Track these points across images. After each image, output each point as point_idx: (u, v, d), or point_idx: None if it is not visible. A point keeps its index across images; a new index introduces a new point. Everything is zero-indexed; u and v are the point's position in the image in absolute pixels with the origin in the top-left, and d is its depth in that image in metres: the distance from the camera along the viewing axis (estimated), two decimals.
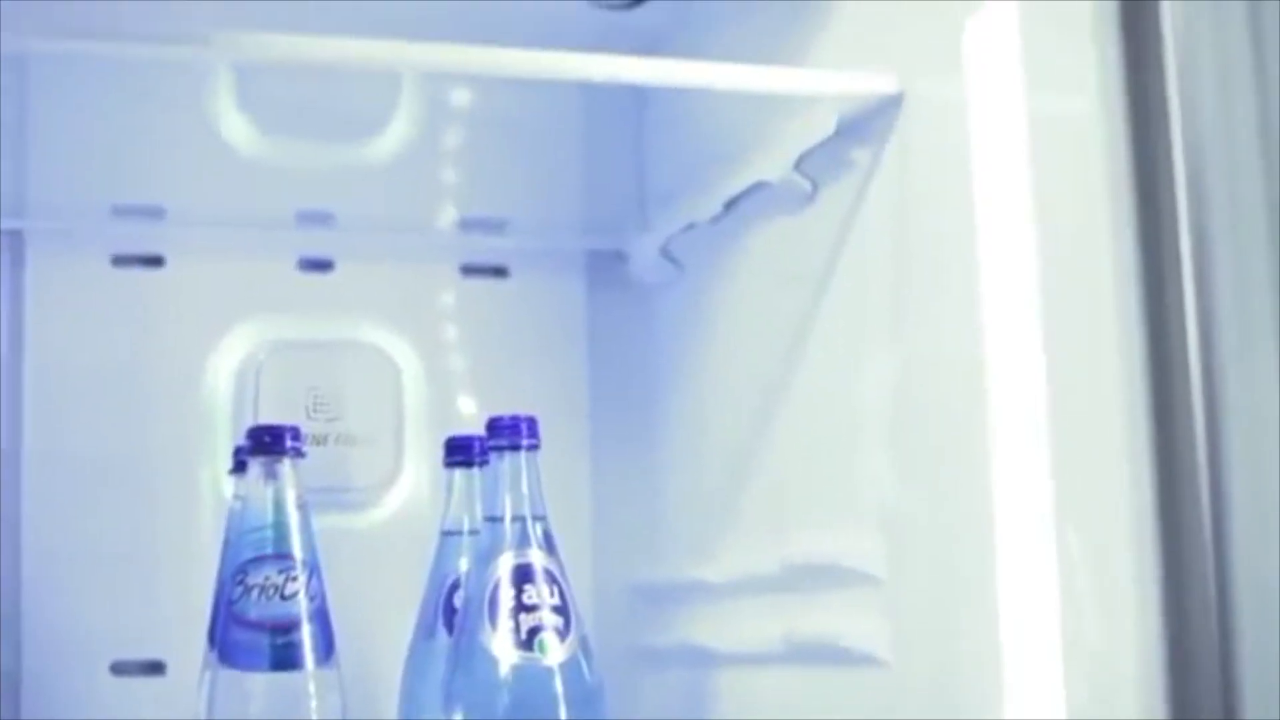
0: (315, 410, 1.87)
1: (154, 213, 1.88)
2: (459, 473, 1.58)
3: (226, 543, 1.51)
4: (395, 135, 1.95)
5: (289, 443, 1.46)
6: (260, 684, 1.41)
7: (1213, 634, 1.10)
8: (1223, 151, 1.14)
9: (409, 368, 1.93)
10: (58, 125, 1.84)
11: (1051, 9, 1.25)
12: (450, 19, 1.76)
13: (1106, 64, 1.19)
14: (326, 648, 1.44)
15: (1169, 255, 1.15)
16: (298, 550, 1.44)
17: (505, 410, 1.45)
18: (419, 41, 1.42)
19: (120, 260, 1.88)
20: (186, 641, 1.53)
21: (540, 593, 1.40)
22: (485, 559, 1.42)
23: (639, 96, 1.99)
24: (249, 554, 1.44)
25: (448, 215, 1.98)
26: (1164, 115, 1.16)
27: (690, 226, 1.81)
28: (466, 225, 1.98)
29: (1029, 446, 1.24)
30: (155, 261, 1.89)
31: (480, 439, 1.50)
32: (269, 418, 1.72)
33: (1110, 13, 1.19)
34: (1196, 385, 1.13)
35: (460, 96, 1.98)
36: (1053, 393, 1.22)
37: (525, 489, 1.43)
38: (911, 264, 1.43)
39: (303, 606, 1.43)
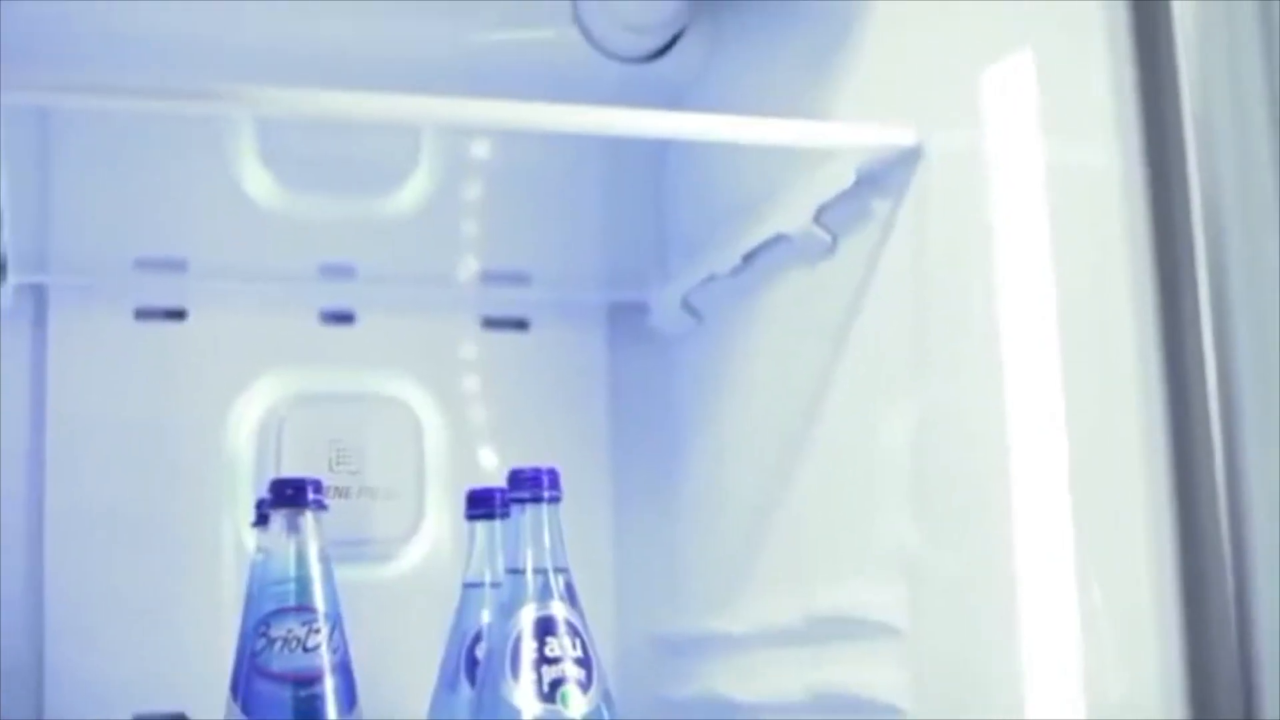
0: (338, 463, 1.87)
1: (176, 266, 1.89)
2: (481, 525, 1.57)
3: (249, 595, 1.51)
4: (416, 188, 1.95)
5: (311, 496, 1.46)
6: None
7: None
8: (1240, 201, 1.15)
9: (430, 420, 1.93)
10: (79, 179, 1.85)
11: (1068, 60, 1.25)
12: (470, 72, 1.78)
13: (1124, 114, 1.19)
14: (349, 700, 1.44)
15: (1187, 305, 1.15)
16: (320, 603, 1.44)
17: (527, 462, 1.45)
18: (440, 96, 1.43)
19: (143, 313, 1.88)
20: (209, 694, 1.53)
21: (562, 645, 1.40)
22: (507, 611, 1.42)
23: (659, 148, 1.99)
24: (271, 606, 1.44)
25: (469, 268, 1.98)
26: (1181, 164, 1.16)
27: (710, 278, 1.82)
28: (488, 278, 1.98)
29: (1049, 497, 1.24)
30: (177, 315, 1.89)
31: (502, 491, 1.49)
32: (291, 470, 1.73)
33: (1127, 63, 1.19)
34: (1216, 435, 1.12)
35: (481, 149, 1.99)
36: (1073, 442, 1.22)
37: (547, 541, 1.43)
38: (931, 315, 1.43)
39: (325, 659, 1.43)
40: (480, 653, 1.49)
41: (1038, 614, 1.24)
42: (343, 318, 1.93)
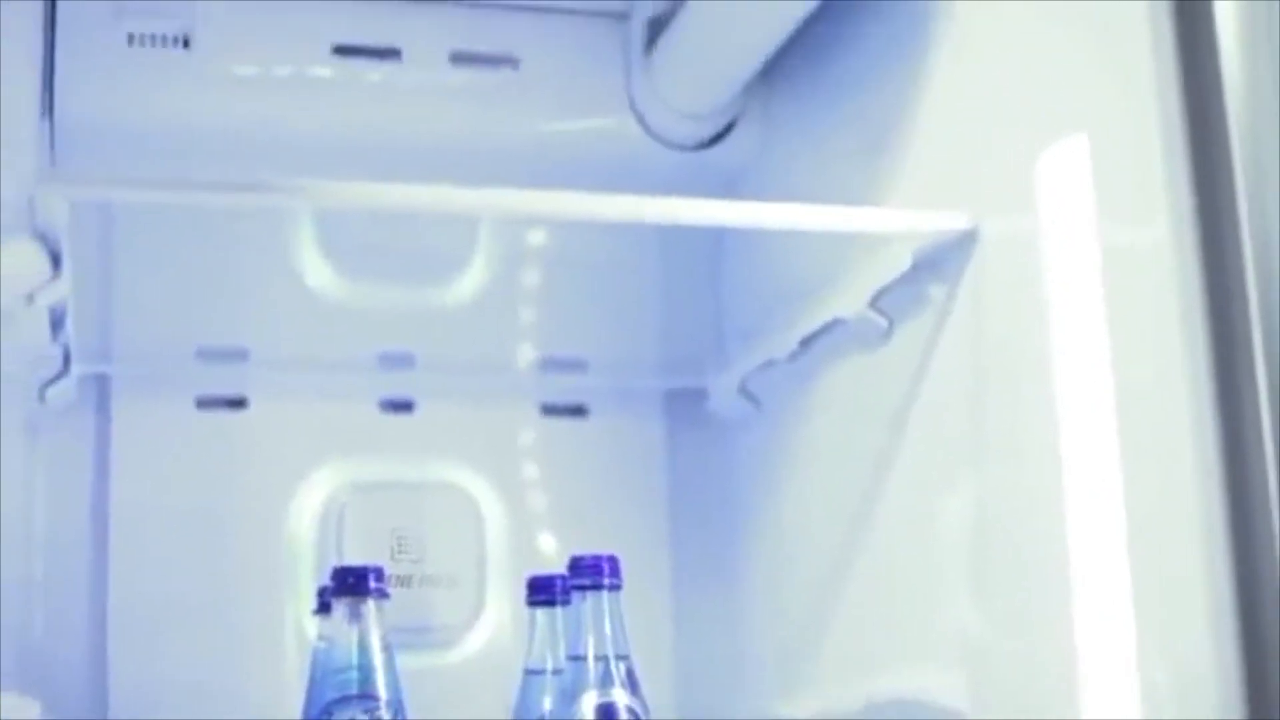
0: (399, 551, 1.87)
1: (238, 355, 1.90)
2: (542, 612, 1.57)
3: (311, 683, 1.52)
4: (475, 276, 1.97)
5: (373, 584, 1.46)
6: None
7: None
8: None
9: (490, 507, 1.93)
10: (142, 270, 1.87)
11: (1122, 142, 1.26)
12: (526, 158, 1.80)
13: (1177, 195, 1.20)
14: None
15: (1245, 384, 1.15)
16: (382, 690, 1.44)
17: (587, 548, 1.45)
18: (497, 187, 1.45)
19: (204, 402, 1.89)
20: None
21: None
22: (569, 698, 1.42)
23: (716, 234, 2.00)
24: (334, 694, 1.44)
25: (527, 355, 1.99)
26: (1236, 245, 1.16)
27: (768, 364, 1.82)
28: (546, 365, 1.99)
29: (1110, 580, 1.23)
30: (239, 403, 1.90)
31: (563, 578, 1.50)
32: (353, 558, 1.74)
33: (1180, 145, 1.20)
34: (1276, 516, 1.12)
35: (538, 236, 2.00)
36: (1132, 525, 1.22)
37: (608, 628, 1.43)
38: (989, 398, 1.43)
39: None
40: None
41: (1100, 700, 1.24)
42: (402, 406, 1.94)
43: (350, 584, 1.46)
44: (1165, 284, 1.19)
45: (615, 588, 1.43)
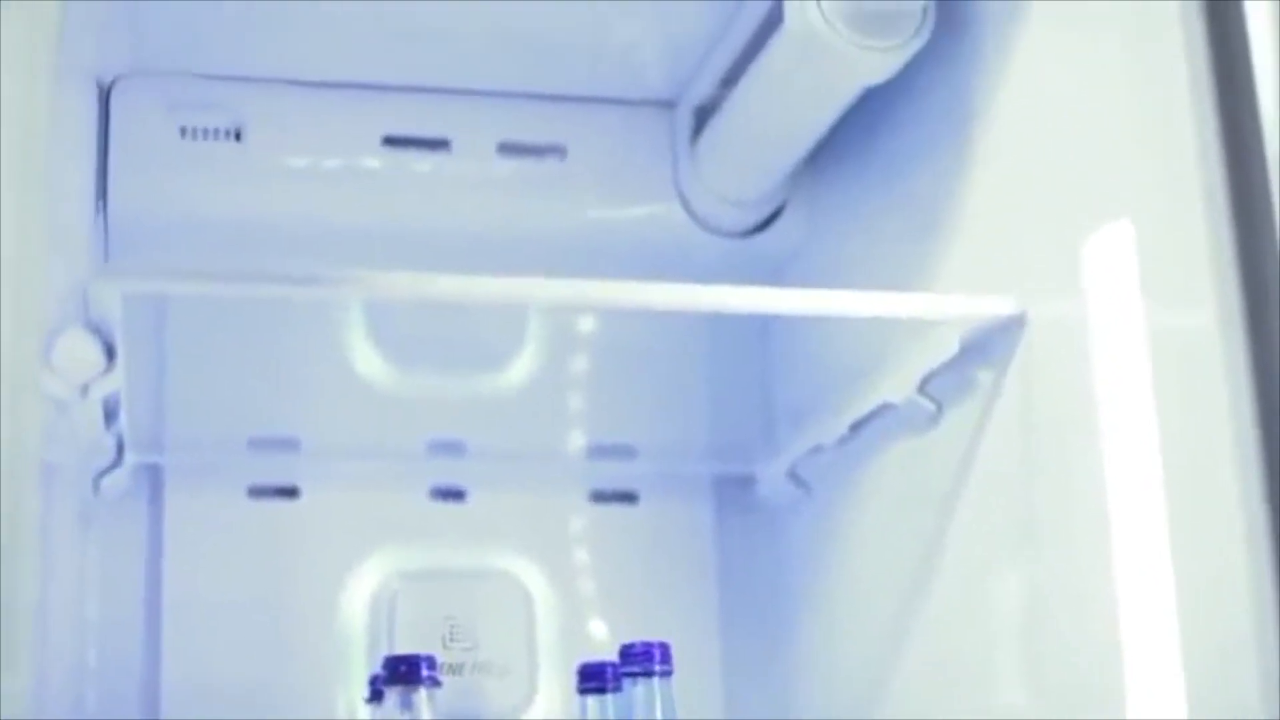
0: (451, 639, 1.87)
1: (289, 445, 1.91)
2: (593, 699, 1.57)
3: None
4: (524, 364, 1.97)
5: (425, 672, 1.47)
6: None
7: None
8: None
9: (541, 594, 1.93)
10: (194, 360, 1.89)
11: (1167, 226, 1.26)
12: (575, 246, 1.81)
13: (1223, 278, 1.20)
14: None
15: None
16: None
17: (637, 635, 1.45)
18: (546, 277, 1.46)
19: (256, 492, 1.90)
20: None
21: None
22: None
23: (763, 320, 2.00)
24: None
25: (576, 442, 2.00)
26: None
27: (817, 449, 1.82)
28: (595, 452, 1.99)
29: (1162, 663, 1.23)
30: (290, 493, 1.91)
31: (613, 665, 1.50)
32: (404, 646, 1.74)
33: (1225, 228, 1.20)
34: None
35: (586, 324, 2.01)
36: (1183, 607, 1.22)
37: (659, 715, 1.43)
38: (1038, 482, 1.43)
39: None
40: None
41: None
42: (453, 494, 1.94)
43: (402, 672, 1.47)
44: (1212, 366, 1.18)
45: (666, 674, 1.44)
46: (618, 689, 1.50)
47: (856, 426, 1.73)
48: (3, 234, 1.05)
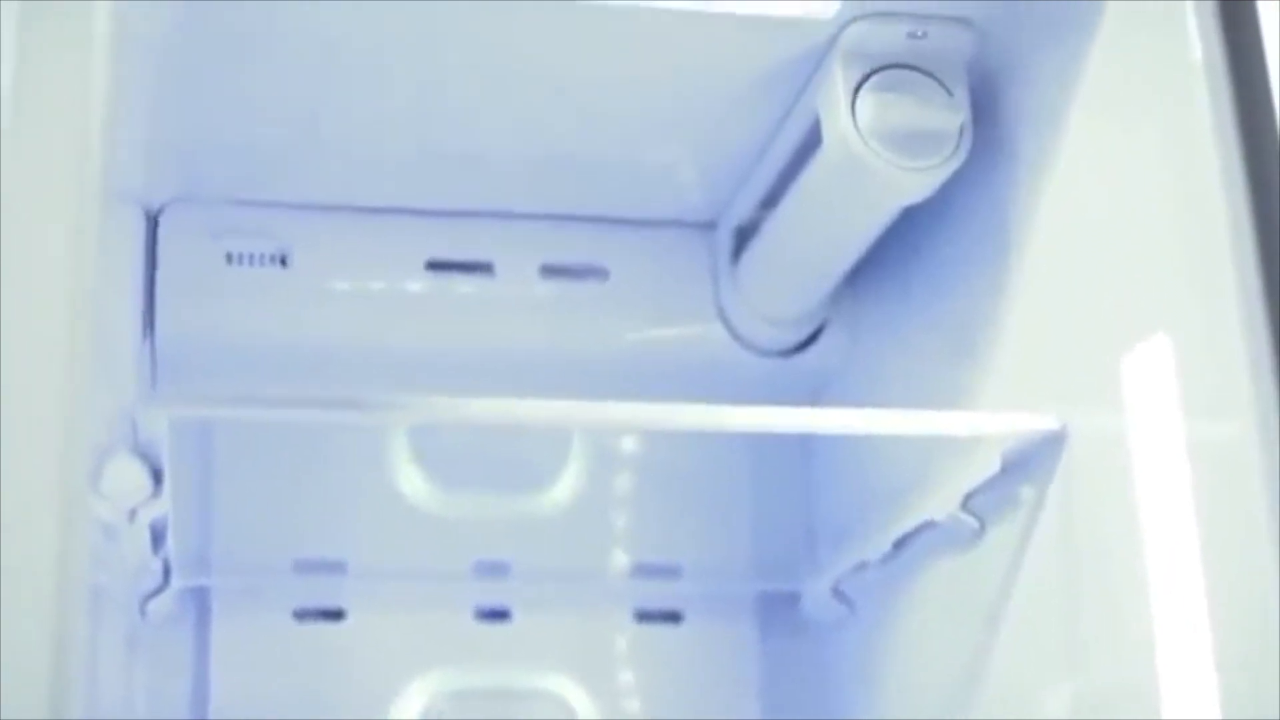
0: None
1: (335, 567, 1.92)
2: None
3: None
4: (568, 484, 1.98)
5: None
6: None
7: None
8: None
9: (586, 714, 1.92)
10: (240, 483, 1.90)
11: (1205, 339, 1.27)
12: (616, 368, 1.82)
13: (1262, 390, 1.20)
14: None
15: None
16: None
17: None
18: (590, 400, 1.47)
19: (301, 614, 1.91)
20: None
21: None
22: None
23: (805, 438, 2.01)
24: None
25: (620, 561, 2.00)
26: None
27: (861, 566, 1.82)
28: (639, 571, 1.99)
29: None
30: (336, 615, 1.92)
31: None
32: None
33: (1264, 340, 1.21)
34: None
35: (630, 444, 2.01)
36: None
37: None
38: (1083, 596, 1.43)
39: None
40: None
41: None
42: (498, 615, 1.94)
43: None
44: (1251, 477, 1.19)
45: None
46: None
47: (900, 544, 1.73)
48: (52, 359, 1.07)
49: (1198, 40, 1.29)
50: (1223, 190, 1.25)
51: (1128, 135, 1.39)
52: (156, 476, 1.42)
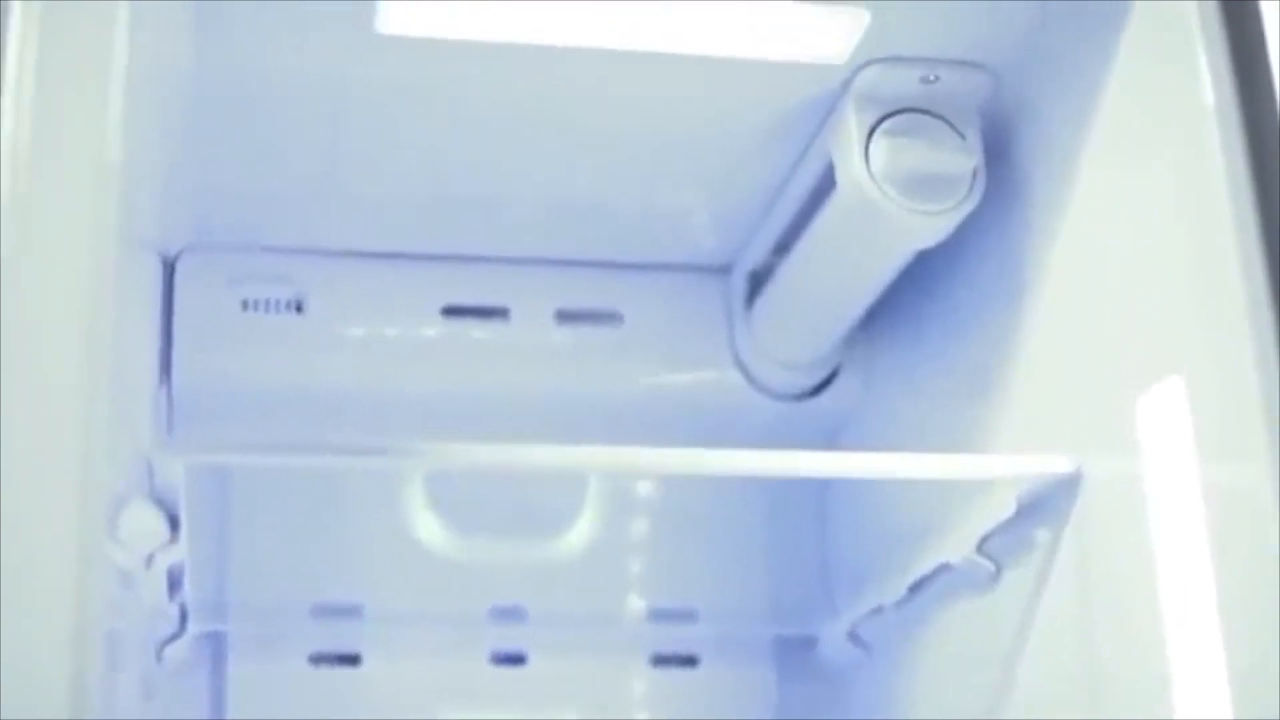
0: None
1: (351, 612, 1.92)
2: None
3: None
4: (584, 529, 1.98)
5: None
6: None
7: None
8: None
9: None
10: (256, 528, 1.90)
11: (1219, 382, 1.27)
12: (632, 412, 1.82)
13: (1276, 432, 1.20)
14: None
15: None
16: None
17: None
18: (605, 445, 1.47)
19: (318, 659, 1.91)
20: None
21: None
22: None
23: (821, 481, 2.01)
24: None
25: (636, 606, 2.00)
26: None
27: (877, 609, 1.82)
28: (655, 615, 1.99)
29: None
30: (352, 660, 1.92)
31: None
32: None
33: (1277, 382, 1.21)
34: None
35: (645, 488, 2.02)
36: None
37: None
38: (1098, 638, 1.43)
39: None
40: None
41: None
42: (514, 659, 1.94)
43: None
44: (1267, 521, 1.19)
45: None
46: None
47: (916, 587, 1.73)
48: (69, 405, 1.07)
49: (1210, 83, 1.29)
50: (1235, 232, 1.25)
51: (1141, 178, 1.40)
52: (173, 523, 1.42)
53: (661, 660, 1.98)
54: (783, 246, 1.78)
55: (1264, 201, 1.25)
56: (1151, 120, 1.39)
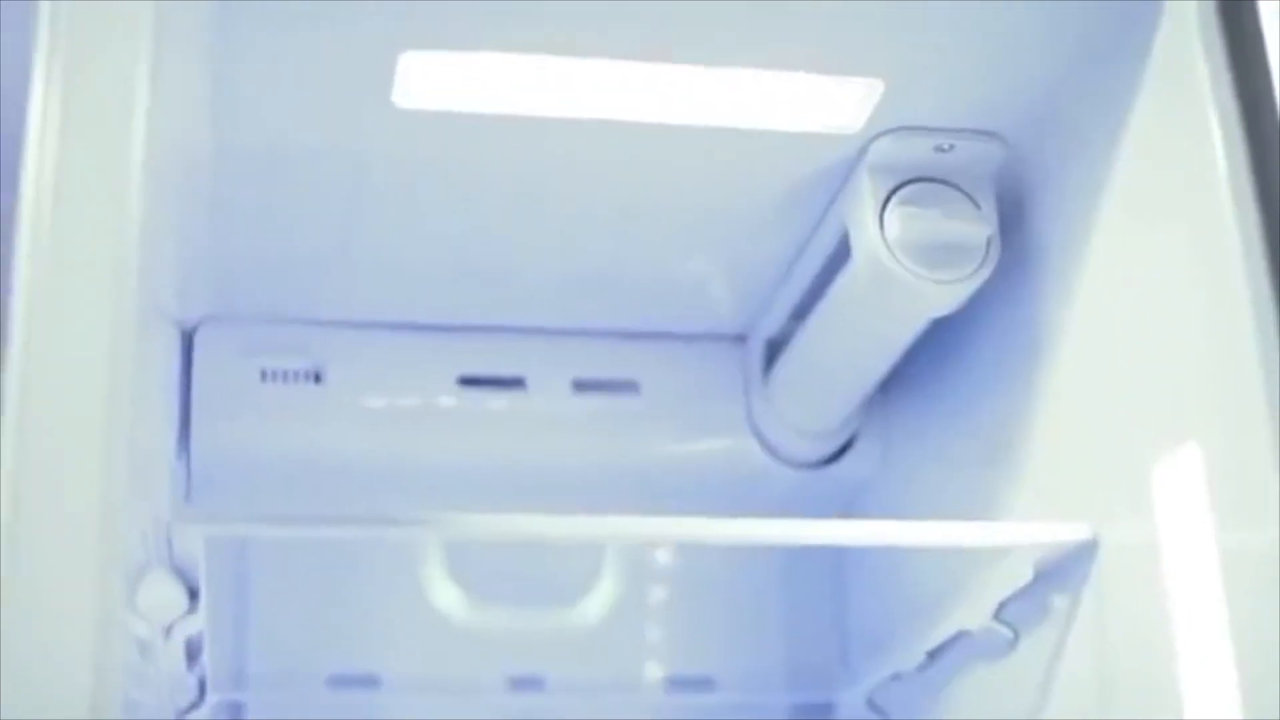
0: None
1: (369, 681, 1.92)
2: None
3: None
4: (601, 598, 1.98)
5: None
6: None
7: None
8: None
9: None
10: (275, 597, 1.91)
11: (1236, 449, 1.27)
12: (648, 481, 1.83)
13: None
14: None
15: None
16: None
17: None
18: (622, 514, 1.47)
19: None
20: None
21: None
22: None
23: (838, 549, 2.01)
24: None
25: (654, 674, 1.99)
26: None
27: (895, 676, 1.81)
28: (673, 684, 1.99)
29: None
30: None
31: None
32: None
33: None
34: None
35: (662, 557, 2.02)
36: None
37: None
38: (1117, 706, 1.43)
39: None
40: None
41: None
42: None
43: None
44: None
45: None
46: None
47: (934, 654, 1.73)
48: (88, 475, 1.08)
49: (1223, 149, 1.30)
50: (1251, 299, 1.26)
51: (1155, 244, 1.40)
52: (192, 593, 1.43)
53: None
54: (799, 314, 1.78)
55: (1279, 268, 1.26)
56: (1165, 186, 1.39)
